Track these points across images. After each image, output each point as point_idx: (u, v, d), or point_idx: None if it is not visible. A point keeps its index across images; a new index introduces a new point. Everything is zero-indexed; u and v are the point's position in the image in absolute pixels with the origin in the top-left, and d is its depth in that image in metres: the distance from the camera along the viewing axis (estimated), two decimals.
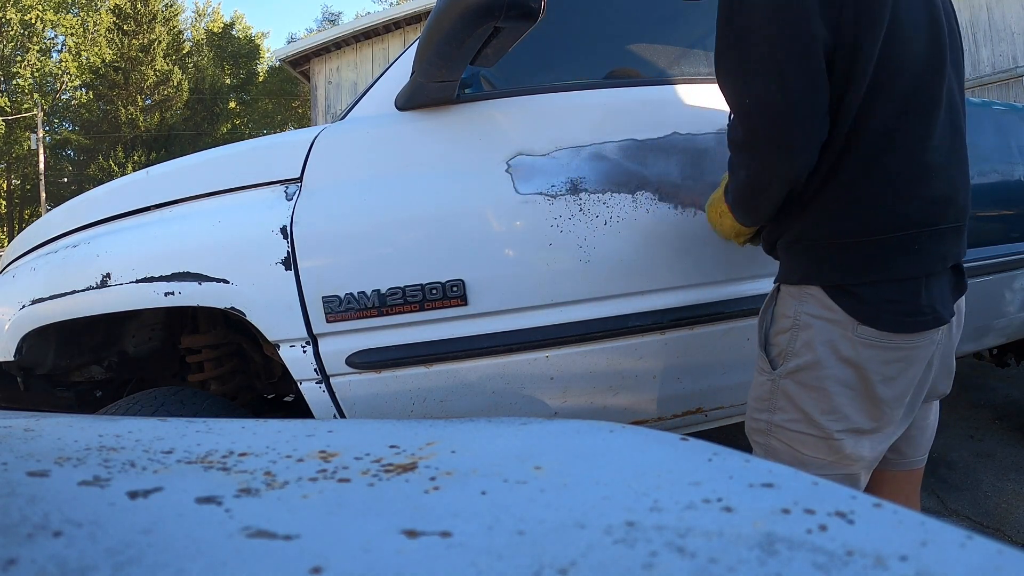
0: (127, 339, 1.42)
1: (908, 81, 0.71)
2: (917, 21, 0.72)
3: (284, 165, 1.09)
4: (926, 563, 0.21)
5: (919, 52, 0.71)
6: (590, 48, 1.72)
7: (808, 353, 0.76)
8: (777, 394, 0.79)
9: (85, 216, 1.23)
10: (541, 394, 1.08)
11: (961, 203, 0.77)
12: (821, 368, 0.75)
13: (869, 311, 0.72)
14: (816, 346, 0.75)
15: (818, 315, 0.75)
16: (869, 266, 0.72)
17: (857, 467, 0.77)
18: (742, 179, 0.77)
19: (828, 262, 0.75)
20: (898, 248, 0.72)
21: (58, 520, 0.25)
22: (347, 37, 9.41)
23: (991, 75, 7.55)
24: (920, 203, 0.72)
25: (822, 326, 0.75)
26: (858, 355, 0.73)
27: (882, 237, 0.72)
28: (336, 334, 1.03)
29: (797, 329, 0.77)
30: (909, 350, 0.73)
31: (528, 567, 0.22)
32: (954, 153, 0.76)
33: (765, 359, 0.82)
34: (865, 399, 0.75)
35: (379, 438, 0.39)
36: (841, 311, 0.73)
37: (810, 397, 0.76)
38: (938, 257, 0.74)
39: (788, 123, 0.67)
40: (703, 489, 0.28)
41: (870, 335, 0.73)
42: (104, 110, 20.50)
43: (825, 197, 0.74)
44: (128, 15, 20.11)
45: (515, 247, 1.03)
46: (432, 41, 0.88)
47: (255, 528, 0.25)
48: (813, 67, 0.66)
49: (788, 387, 0.78)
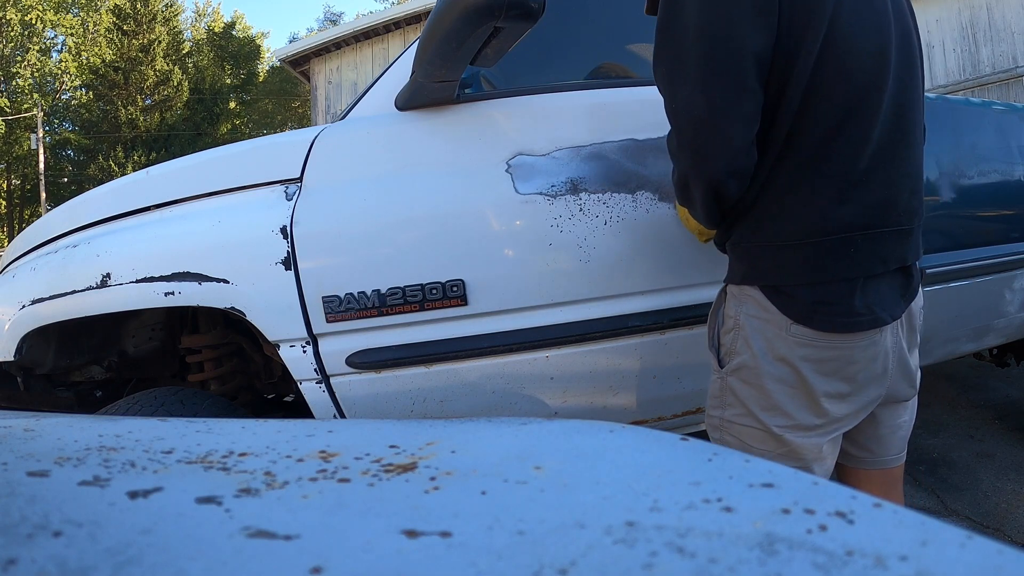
0: (127, 339, 1.42)
1: (851, 87, 0.71)
2: (863, 26, 0.72)
3: (284, 165, 1.09)
4: (926, 563, 0.21)
5: (864, 58, 0.72)
6: (589, 48, 1.72)
7: (747, 351, 0.78)
8: (726, 391, 0.82)
9: (85, 216, 1.23)
10: (541, 394, 1.08)
11: (905, 206, 0.77)
12: (759, 366, 0.77)
13: (802, 311, 0.74)
14: (753, 344, 0.78)
15: (756, 315, 0.78)
16: (804, 268, 0.74)
17: (808, 460, 0.79)
18: (674, 181, 0.81)
19: (766, 263, 0.77)
20: (833, 251, 0.73)
21: (58, 520, 0.25)
22: (347, 37, 9.42)
23: (991, 75, 7.55)
24: (855, 207, 0.73)
25: (759, 325, 0.77)
26: (792, 353, 0.75)
27: (817, 240, 0.73)
28: (336, 334, 1.03)
29: (738, 329, 0.80)
30: (845, 349, 0.75)
31: (528, 567, 0.22)
32: (898, 157, 0.77)
33: (714, 358, 0.84)
34: (804, 396, 0.76)
35: (379, 438, 0.39)
36: (776, 310, 0.75)
37: (751, 394, 0.79)
38: (877, 259, 0.74)
39: (707, 130, 0.68)
40: (703, 489, 0.28)
41: (804, 334, 0.74)
42: (104, 110, 20.49)
43: (764, 200, 0.76)
44: (128, 15, 20.10)
45: (515, 247, 1.03)
46: (432, 41, 0.88)
47: (255, 528, 0.25)
48: (738, 76, 0.67)
49: (734, 384, 0.81)
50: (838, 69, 0.71)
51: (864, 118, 0.73)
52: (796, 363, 0.75)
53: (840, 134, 0.72)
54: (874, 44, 0.73)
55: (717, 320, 0.85)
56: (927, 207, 1.21)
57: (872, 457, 0.91)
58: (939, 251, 1.24)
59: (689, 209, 0.82)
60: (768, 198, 0.76)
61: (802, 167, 0.73)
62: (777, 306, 0.75)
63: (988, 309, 1.40)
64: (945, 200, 1.27)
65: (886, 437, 0.89)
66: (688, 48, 0.68)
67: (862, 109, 0.72)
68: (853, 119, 0.72)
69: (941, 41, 7.90)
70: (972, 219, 1.35)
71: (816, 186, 0.73)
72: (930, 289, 1.21)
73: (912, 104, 0.79)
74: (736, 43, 0.66)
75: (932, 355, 1.35)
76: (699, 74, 0.67)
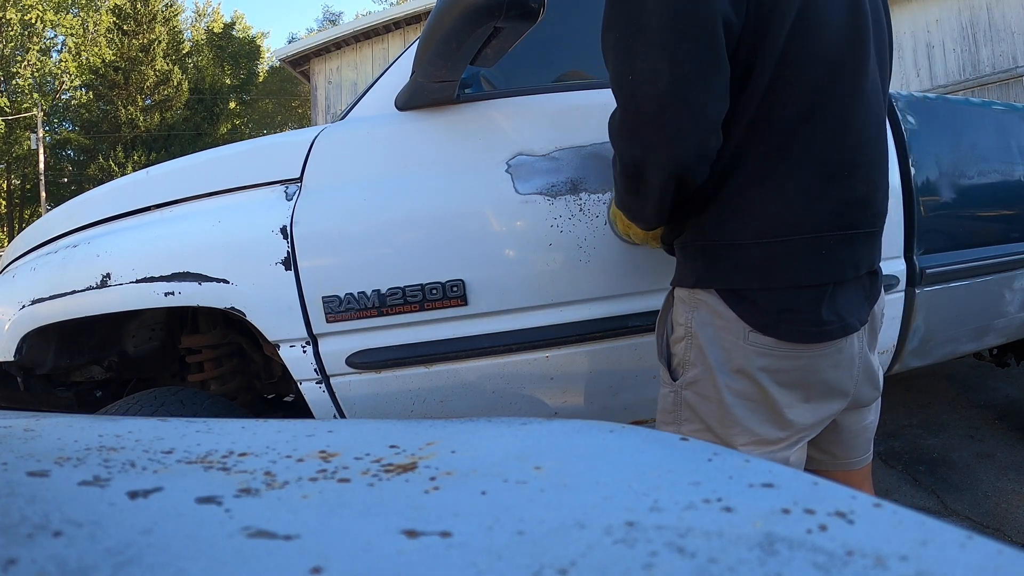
0: (127, 339, 1.42)
1: (821, 73, 0.65)
2: (835, 9, 0.66)
3: (284, 165, 1.10)
4: (926, 563, 0.21)
5: (835, 43, 0.66)
6: (589, 48, 1.72)
7: (701, 363, 0.71)
8: (680, 406, 0.75)
9: (85, 216, 1.23)
10: (541, 394, 1.08)
11: (878, 206, 0.72)
12: (715, 379, 0.70)
13: (765, 319, 0.67)
14: (708, 355, 0.70)
15: (710, 322, 0.70)
16: (769, 271, 0.66)
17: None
18: (619, 171, 0.68)
19: (725, 264, 0.69)
20: (805, 252, 0.66)
21: (58, 520, 0.25)
22: (347, 37, 9.42)
23: (991, 75, 7.55)
24: (832, 204, 0.66)
25: (714, 333, 0.70)
26: (751, 364, 0.68)
27: (787, 239, 0.65)
28: (336, 334, 1.03)
29: (691, 337, 0.72)
30: (809, 359, 0.68)
31: (528, 567, 0.22)
32: (875, 153, 0.71)
33: (665, 370, 0.77)
34: (766, 410, 0.70)
35: (379, 438, 0.39)
36: (733, 317, 0.68)
37: (709, 409, 0.72)
38: (850, 264, 0.68)
39: (675, 102, 0.58)
40: (703, 489, 0.28)
41: (763, 343, 0.67)
42: (104, 110, 20.49)
43: (725, 193, 0.68)
44: (128, 15, 20.10)
45: (515, 247, 1.03)
46: (432, 41, 0.88)
47: (255, 528, 0.25)
48: (710, 44, 0.58)
49: (689, 398, 0.73)
50: (810, 53, 0.64)
51: (841, 103, 0.66)
52: (755, 374, 0.68)
53: (813, 119, 0.65)
54: (850, 24, 0.67)
55: (666, 327, 0.79)
56: (927, 207, 1.21)
57: (836, 461, 0.85)
58: (939, 251, 1.24)
59: (633, 204, 0.71)
60: (730, 190, 0.67)
61: (769, 156, 0.65)
62: (736, 312, 0.68)
63: (988, 309, 1.40)
64: (945, 200, 1.27)
65: (850, 441, 0.84)
66: (650, 8, 0.58)
67: (837, 93, 0.66)
68: (828, 103, 0.65)
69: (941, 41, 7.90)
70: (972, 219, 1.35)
71: (786, 179, 0.65)
72: (930, 289, 1.21)
73: (884, 96, 0.74)
74: (708, 9, 0.58)
75: (932, 355, 1.35)
76: (663, 39, 0.57)
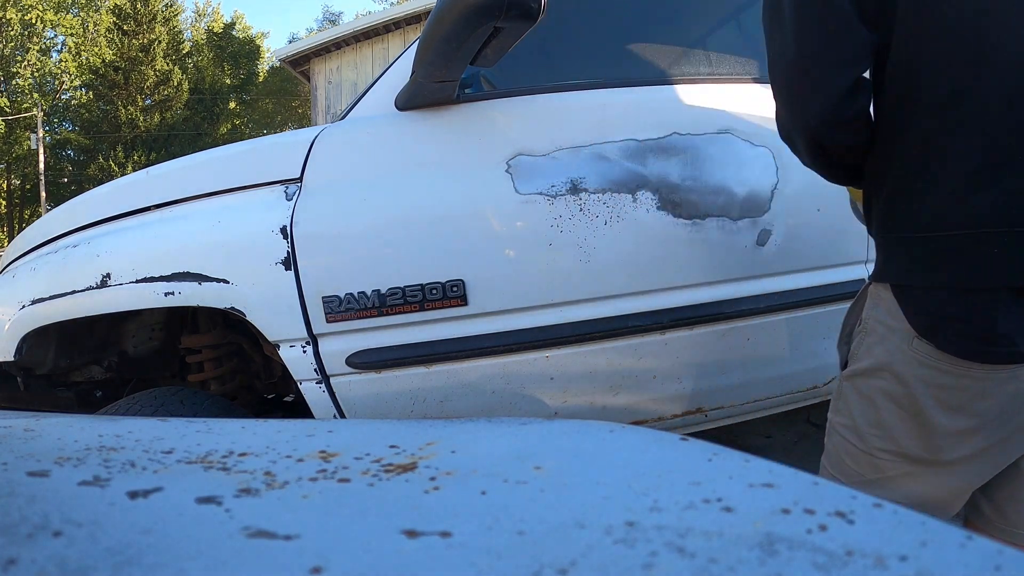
0: (127, 339, 1.42)
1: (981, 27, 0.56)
2: None
3: (284, 165, 1.09)
4: (926, 563, 0.21)
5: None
6: (588, 48, 1.72)
7: (867, 359, 0.69)
8: (841, 395, 0.74)
9: (85, 216, 1.23)
10: (541, 394, 1.08)
11: None
12: (873, 378, 0.68)
13: (926, 322, 0.61)
14: (875, 353, 0.68)
15: (883, 321, 0.67)
16: (932, 267, 0.60)
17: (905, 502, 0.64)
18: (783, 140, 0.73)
19: (897, 258, 0.65)
20: (967, 249, 0.58)
21: (58, 520, 0.24)
22: (347, 37, 9.42)
23: None
24: (1000, 194, 0.56)
25: (884, 333, 0.67)
26: (910, 372, 0.63)
27: (947, 234, 0.59)
28: (336, 334, 1.03)
29: (865, 332, 0.70)
30: (980, 380, 0.59)
31: (528, 567, 0.22)
32: None
33: (841, 356, 0.76)
34: (915, 423, 0.64)
35: (379, 438, 0.39)
36: (902, 318, 0.63)
37: (860, 405, 0.70)
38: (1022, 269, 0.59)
39: (796, 73, 0.63)
40: (703, 489, 0.28)
41: (926, 352, 0.61)
42: (104, 110, 20.49)
43: (889, 176, 0.64)
44: (128, 15, 20.10)
45: (515, 247, 1.03)
46: (432, 41, 0.88)
47: (255, 528, 0.25)
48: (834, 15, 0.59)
49: (847, 390, 0.72)
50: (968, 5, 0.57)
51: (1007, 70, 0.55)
52: (912, 384, 0.63)
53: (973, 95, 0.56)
54: None
55: (853, 316, 0.76)
56: None
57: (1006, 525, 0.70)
58: None
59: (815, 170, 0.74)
60: (892, 174, 0.63)
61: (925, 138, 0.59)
62: (904, 312, 0.63)
63: None
64: None
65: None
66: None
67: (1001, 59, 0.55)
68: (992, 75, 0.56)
69: None
70: None
71: (944, 163, 0.58)
72: None
73: None
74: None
75: None
76: (791, 15, 0.61)
